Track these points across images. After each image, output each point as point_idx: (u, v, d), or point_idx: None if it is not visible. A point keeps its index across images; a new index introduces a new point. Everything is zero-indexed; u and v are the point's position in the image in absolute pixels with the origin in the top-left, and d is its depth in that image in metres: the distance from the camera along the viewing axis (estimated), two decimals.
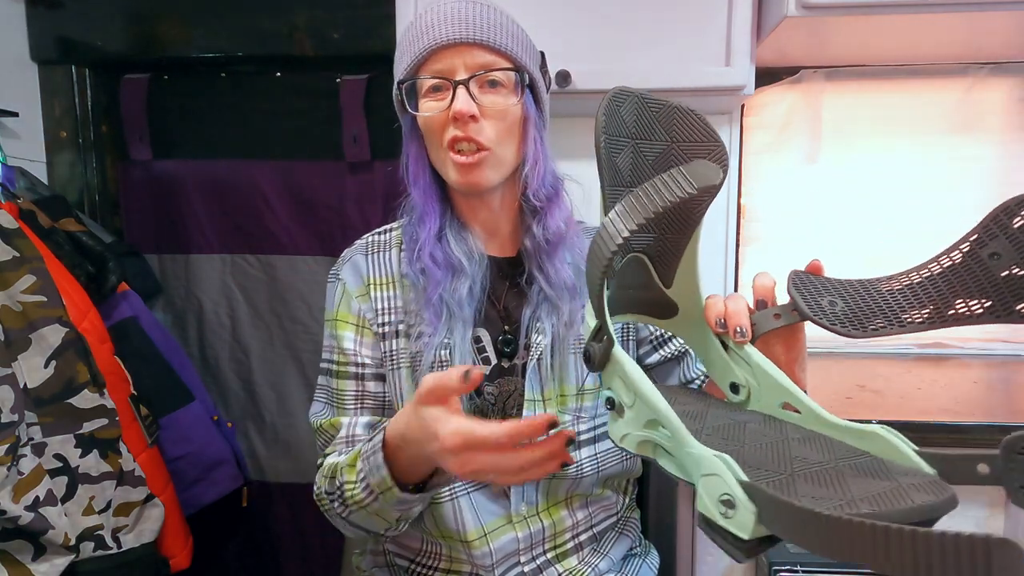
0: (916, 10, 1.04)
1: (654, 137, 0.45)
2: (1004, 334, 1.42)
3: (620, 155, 0.44)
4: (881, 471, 0.33)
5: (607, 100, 0.44)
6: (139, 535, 1.04)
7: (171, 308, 1.57)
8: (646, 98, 0.45)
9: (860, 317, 0.41)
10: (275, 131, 1.49)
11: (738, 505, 0.29)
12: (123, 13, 1.39)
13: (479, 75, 0.68)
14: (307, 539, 1.61)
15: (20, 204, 1.11)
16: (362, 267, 0.77)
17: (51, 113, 1.42)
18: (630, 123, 0.44)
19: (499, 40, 0.68)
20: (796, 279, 0.43)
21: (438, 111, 0.68)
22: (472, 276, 0.72)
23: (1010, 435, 0.30)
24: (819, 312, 0.43)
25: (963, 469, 0.32)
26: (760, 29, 1.14)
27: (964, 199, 1.40)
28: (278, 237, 1.51)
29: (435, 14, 0.68)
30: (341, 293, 0.77)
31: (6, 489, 0.86)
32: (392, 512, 0.64)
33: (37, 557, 0.90)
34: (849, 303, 0.43)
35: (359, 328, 0.76)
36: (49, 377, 0.94)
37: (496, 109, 0.69)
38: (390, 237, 0.80)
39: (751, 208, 1.44)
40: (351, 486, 0.65)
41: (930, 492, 0.30)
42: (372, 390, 0.76)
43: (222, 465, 1.34)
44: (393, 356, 0.74)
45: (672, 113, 0.46)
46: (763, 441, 0.38)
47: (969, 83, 1.36)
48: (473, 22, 0.67)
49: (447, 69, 0.68)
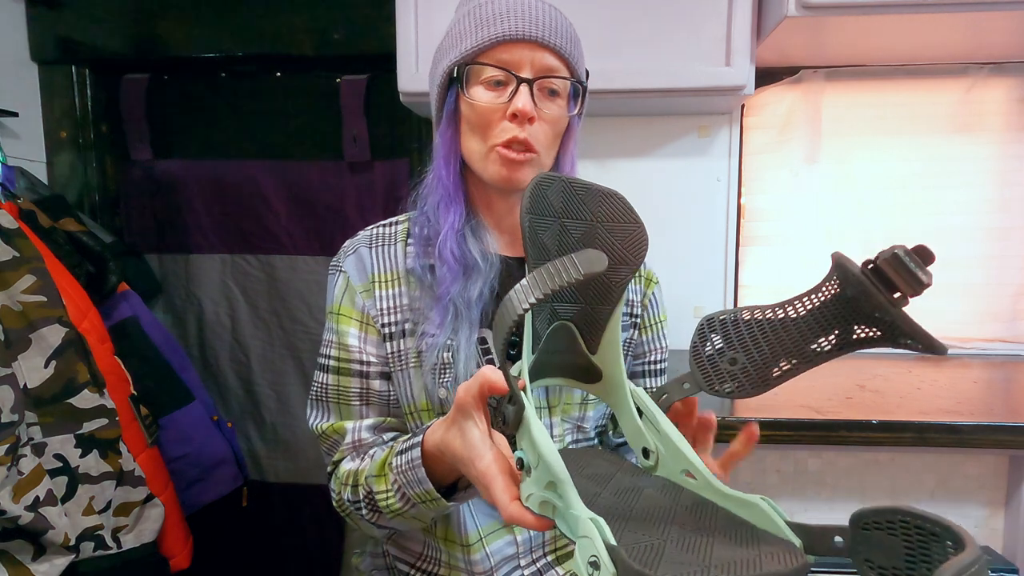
0: (916, 10, 1.04)
1: (579, 217, 0.49)
2: (1004, 334, 1.42)
3: (546, 233, 0.48)
4: (750, 540, 0.36)
5: (533, 184, 0.48)
6: (139, 535, 1.04)
7: (171, 308, 1.57)
8: (572, 182, 0.50)
9: (763, 366, 0.43)
10: (275, 131, 1.49)
11: (602, 567, 0.32)
12: (123, 13, 1.39)
13: (543, 78, 0.67)
14: (307, 539, 1.61)
15: (20, 204, 1.11)
16: (367, 261, 0.74)
17: (51, 113, 1.42)
18: (556, 204, 0.49)
19: (567, 48, 0.67)
20: (701, 332, 0.45)
21: (495, 103, 0.67)
22: (484, 277, 0.70)
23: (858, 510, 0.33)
24: (718, 379, 0.44)
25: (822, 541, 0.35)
26: (760, 29, 1.14)
27: (964, 199, 1.40)
28: (278, 237, 1.51)
29: (507, 3, 0.66)
30: (344, 287, 0.74)
31: (6, 489, 0.86)
32: (430, 514, 0.64)
33: (37, 557, 0.90)
34: (752, 353, 0.44)
35: (363, 325, 0.73)
36: (49, 377, 0.94)
37: (551, 116, 0.68)
38: (395, 231, 0.76)
39: (751, 208, 1.44)
40: (384, 496, 0.63)
41: (782, 562, 0.33)
42: (377, 388, 0.73)
43: (222, 465, 1.34)
44: (401, 356, 0.72)
45: (596, 195, 0.50)
46: (653, 506, 0.41)
47: (969, 83, 1.36)
48: (548, 23, 0.66)
49: (514, 62, 0.66)
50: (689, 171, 1.41)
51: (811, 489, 0.97)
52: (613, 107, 1.33)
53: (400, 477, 0.61)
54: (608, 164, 1.43)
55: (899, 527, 0.30)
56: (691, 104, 1.32)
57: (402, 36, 1.14)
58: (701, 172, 1.41)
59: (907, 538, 0.30)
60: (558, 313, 0.50)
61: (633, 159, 1.43)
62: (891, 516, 0.31)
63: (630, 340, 0.80)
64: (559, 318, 0.50)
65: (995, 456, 0.93)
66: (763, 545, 0.35)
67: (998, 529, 0.95)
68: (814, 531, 0.35)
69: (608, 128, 1.42)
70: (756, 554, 0.34)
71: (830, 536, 0.34)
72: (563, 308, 0.51)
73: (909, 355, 1.41)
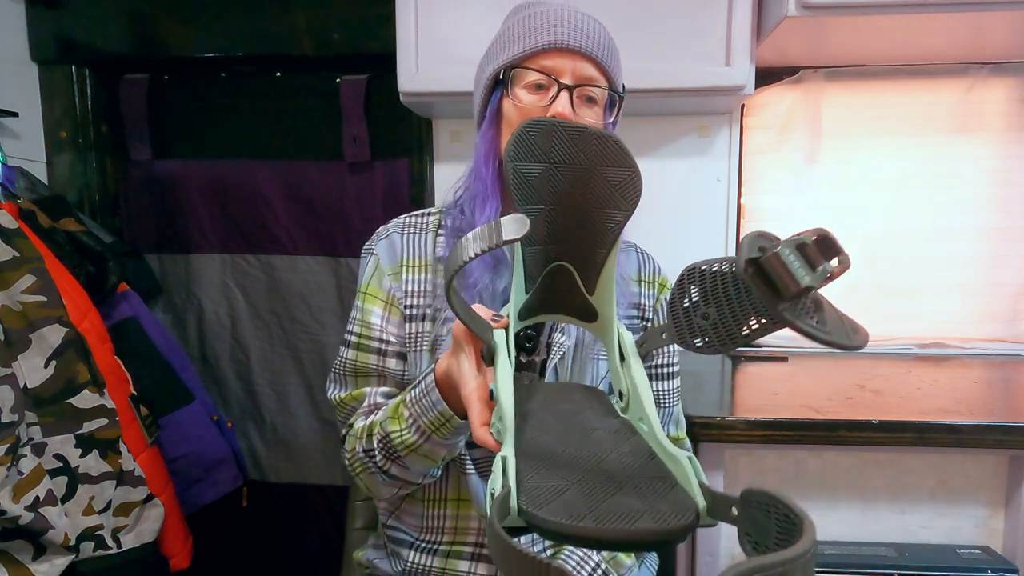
0: (916, 10, 1.04)
1: (570, 161, 0.50)
2: (1004, 334, 1.42)
3: (535, 177, 0.50)
4: (655, 494, 0.38)
5: (518, 129, 0.49)
6: (139, 535, 1.04)
7: (171, 308, 1.57)
8: (563, 125, 0.51)
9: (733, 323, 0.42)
10: (275, 131, 1.49)
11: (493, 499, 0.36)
12: (123, 13, 1.39)
13: (582, 86, 0.71)
14: (307, 539, 1.61)
15: (20, 204, 1.11)
16: (398, 246, 0.79)
17: (51, 113, 1.42)
18: (545, 147, 0.50)
19: (607, 59, 0.72)
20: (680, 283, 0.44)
21: (537, 105, 0.71)
22: (509, 270, 0.73)
23: (746, 489, 0.33)
24: (690, 333, 0.44)
25: (722, 507, 0.36)
26: (760, 29, 1.14)
27: (964, 199, 1.40)
28: (278, 237, 1.51)
29: (555, 16, 0.71)
30: (374, 268, 0.78)
31: (6, 489, 0.86)
32: (440, 450, 0.67)
33: (37, 557, 0.91)
34: (723, 309, 0.42)
35: (387, 305, 0.77)
36: (49, 377, 0.94)
37: (587, 122, 0.71)
38: (427, 221, 0.81)
39: (751, 208, 1.44)
40: (398, 433, 0.67)
41: (661, 520, 0.35)
42: (392, 367, 0.77)
43: (222, 465, 1.34)
44: (417, 337, 0.76)
45: (588, 137, 0.51)
46: (589, 450, 0.43)
47: (969, 83, 1.36)
48: (590, 35, 0.71)
49: (556, 69, 0.70)
50: (689, 171, 1.41)
51: (811, 489, 0.97)
52: None
53: (415, 407, 0.65)
54: None
55: (772, 510, 0.31)
56: (691, 104, 1.32)
57: (402, 36, 1.14)
58: (701, 172, 1.41)
59: (777, 522, 0.31)
60: (552, 255, 0.52)
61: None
62: (767, 500, 0.32)
63: None
64: (554, 260, 0.52)
65: (995, 456, 0.93)
66: (660, 501, 0.37)
67: (998, 529, 0.95)
68: (718, 498, 0.36)
69: None
70: (647, 508, 0.36)
71: (728, 506, 0.35)
72: (558, 250, 0.52)
73: (909, 355, 1.41)
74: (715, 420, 0.91)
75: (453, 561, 0.78)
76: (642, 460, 0.42)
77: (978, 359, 1.37)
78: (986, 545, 0.95)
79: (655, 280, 0.84)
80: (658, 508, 0.36)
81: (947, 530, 0.96)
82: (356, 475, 0.75)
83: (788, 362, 1.33)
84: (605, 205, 0.51)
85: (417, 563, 0.78)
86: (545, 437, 0.45)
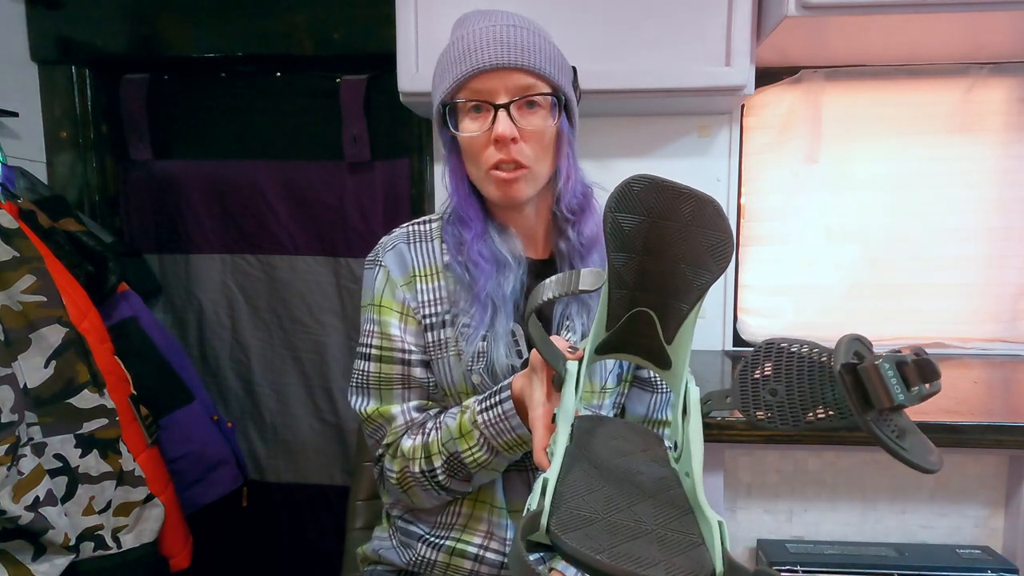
0: (916, 10, 1.04)
1: (669, 217, 0.52)
2: (1004, 334, 1.42)
3: (631, 228, 0.52)
4: (678, 548, 0.39)
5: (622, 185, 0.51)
6: (139, 535, 1.04)
7: (171, 308, 1.57)
8: (665, 183, 0.52)
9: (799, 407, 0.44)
10: (275, 131, 1.49)
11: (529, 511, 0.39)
12: (123, 13, 1.39)
13: (519, 99, 0.71)
14: (307, 539, 1.61)
15: (20, 204, 1.11)
16: (407, 256, 0.80)
17: (51, 113, 1.42)
18: (646, 201, 0.52)
19: (539, 64, 0.71)
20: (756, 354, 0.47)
21: (479, 132, 0.72)
22: (515, 273, 0.77)
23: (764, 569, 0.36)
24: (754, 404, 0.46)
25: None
26: (760, 29, 1.14)
27: (964, 199, 1.40)
28: (278, 237, 1.51)
29: (476, 37, 0.71)
30: (385, 280, 0.79)
31: (6, 489, 0.86)
32: (505, 463, 0.73)
33: (37, 557, 0.91)
34: (793, 390, 0.45)
35: (403, 316, 0.78)
36: (49, 377, 0.94)
37: (535, 130, 0.73)
38: (431, 228, 0.82)
39: (751, 208, 1.44)
40: (469, 452, 0.71)
41: (672, 574, 0.36)
42: (418, 375, 0.79)
43: (222, 465, 1.34)
44: (441, 344, 0.78)
45: (691, 199, 0.52)
46: (630, 490, 0.45)
47: (969, 83, 1.36)
48: (514, 46, 0.70)
49: (488, 91, 0.71)
50: (689, 171, 1.41)
51: (811, 489, 0.97)
52: (613, 107, 1.33)
53: (488, 429, 0.70)
54: (608, 164, 1.43)
55: None
56: (691, 104, 1.32)
57: (402, 36, 1.14)
58: (701, 172, 1.41)
59: None
60: (637, 300, 0.55)
61: (633, 159, 1.43)
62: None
63: None
64: (638, 305, 0.55)
65: (995, 456, 0.93)
66: (680, 556, 0.38)
67: (998, 529, 0.95)
68: (736, 567, 0.37)
69: (608, 128, 1.42)
70: (663, 559, 0.37)
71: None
72: (644, 297, 0.55)
73: None
74: (715, 420, 0.91)
75: (457, 559, 0.79)
76: (675, 513, 0.43)
77: (978, 359, 1.37)
78: (986, 545, 0.95)
79: None
80: (674, 562, 0.37)
81: (947, 530, 0.96)
82: (404, 490, 0.78)
83: None
84: (695, 263, 0.53)
85: (425, 557, 0.80)
86: (593, 469, 0.47)
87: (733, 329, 1.45)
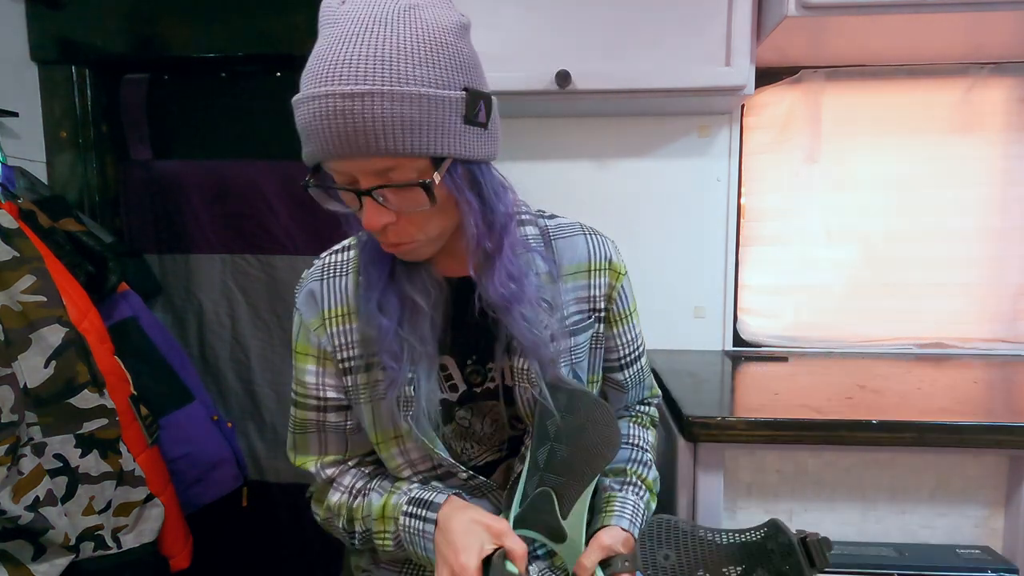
0: (916, 10, 1.04)
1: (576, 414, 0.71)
2: (1004, 334, 1.42)
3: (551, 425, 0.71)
4: None
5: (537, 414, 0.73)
6: (139, 535, 1.04)
7: (171, 308, 1.57)
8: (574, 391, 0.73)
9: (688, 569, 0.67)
10: (275, 131, 1.48)
11: None
12: (123, 13, 1.39)
13: (381, 186, 0.58)
14: (307, 539, 1.61)
15: (20, 204, 1.11)
16: (317, 295, 0.74)
17: (51, 113, 1.42)
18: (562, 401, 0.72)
19: (391, 145, 0.55)
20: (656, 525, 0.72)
21: (356, 210, 0.62)
22: (431, 310, 0.68)
23: None
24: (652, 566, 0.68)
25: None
26: (760, 29, 1.14)
27: (964, 199, 1.40)
28: (278, 237, 1.51)
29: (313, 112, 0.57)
30: (299, 324, 0.75)
31: (6, 489, 0.86)
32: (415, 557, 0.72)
33: (37, 557, 0.91)
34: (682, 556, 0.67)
35: (320, 360, 0.74)
36: (49, 377, 0.94)
37: (409, 208, 0.60)
38: (347, 259, 0.75)
39: (751, 208, 1.44)
40: (381, 536, 0.72)
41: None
42: (332, 420, 0.76)
43: (222, 465, 1.34)
44: (360, 389, 0.73)
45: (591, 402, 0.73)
46: None
47: (969, 83, 1.36)
48: (353, 131, 0.54)
49: (347, 173, 0.59)
50: (689, 171, 1.41)
51: (811, 489, 0.97)
52: (613, 107, 1.33)
53: (405, 534, 0.70)
54: (608, 164, 1.43)
55: None
56: (691, 104, 1.32)
57: None
58: (701, 172, 1.41)
59: None
60: (544, 481, 0.69)
61: (633, 159, 1.43)
62: None
63: (597, 334, 0.79)
64: (544, 485, 0.69)
65: (995, 456, 0.93)
66: None
67: (998, 529, 0.95)
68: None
69: (608, 128, 1.42)
70: None
71: None
72: (549, 478, 0.69)
73: (909, 355, 1.41)
74: (715, 420, 0.91)
75: None
76: None
77: (978, 359, 1.37)
78: (986, 545, 0.95)
79: (606, 267, 0.77)
80: None
81: (947, 530, 0.96)
82: (329, 530, 0.80)
83: (788, 362, 1.33)
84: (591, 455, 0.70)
85: None
86: None
87: (733, 329, 1.45)
